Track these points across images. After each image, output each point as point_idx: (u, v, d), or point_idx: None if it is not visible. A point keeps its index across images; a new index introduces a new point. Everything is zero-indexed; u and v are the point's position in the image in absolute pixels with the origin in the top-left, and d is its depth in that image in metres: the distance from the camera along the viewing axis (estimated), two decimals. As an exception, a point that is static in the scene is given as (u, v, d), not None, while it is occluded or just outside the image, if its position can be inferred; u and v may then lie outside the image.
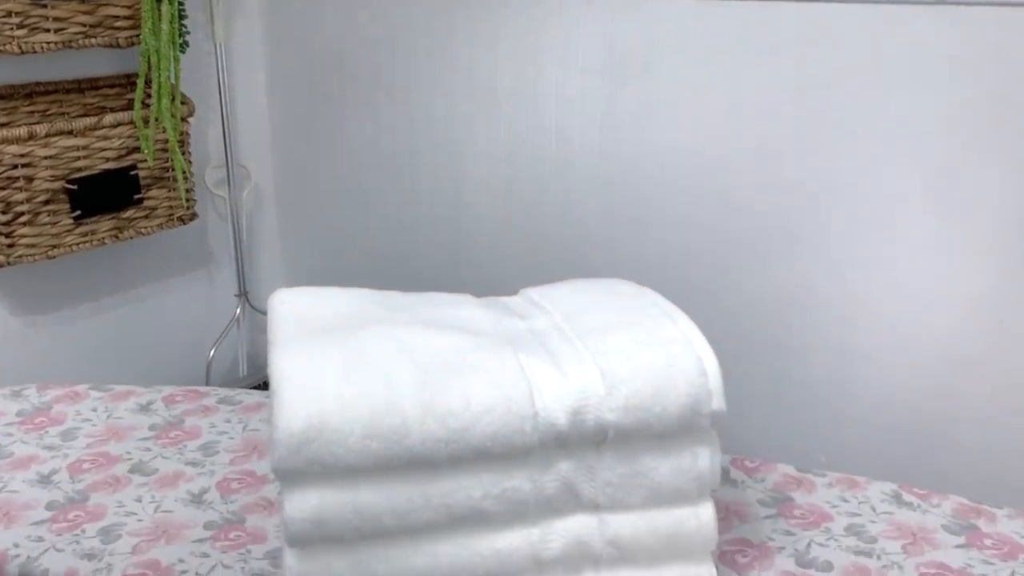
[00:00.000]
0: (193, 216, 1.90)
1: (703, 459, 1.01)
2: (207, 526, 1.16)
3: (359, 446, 0.92)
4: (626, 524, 1.01)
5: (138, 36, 1.66)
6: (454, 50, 1.75)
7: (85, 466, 1.27)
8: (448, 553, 0.98)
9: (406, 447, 0.93)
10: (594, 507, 1.01)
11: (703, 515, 1.03)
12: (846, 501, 1.23)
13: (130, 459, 1.29)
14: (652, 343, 1.02)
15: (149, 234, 1.82)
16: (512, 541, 0.99)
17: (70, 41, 1.63)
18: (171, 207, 1.84)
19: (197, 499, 1.21)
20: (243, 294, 2.09)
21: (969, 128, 1.31)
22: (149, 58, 1.65)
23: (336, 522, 0.93)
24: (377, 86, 1.88)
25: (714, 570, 1.05)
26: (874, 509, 1.21)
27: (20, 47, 1.58)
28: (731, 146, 1.50)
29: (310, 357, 0.96)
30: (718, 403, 0.99)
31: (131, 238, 1.79)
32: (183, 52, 1.73)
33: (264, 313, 1.43)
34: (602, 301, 1.13)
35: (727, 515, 1.20)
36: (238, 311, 2.09)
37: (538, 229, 1.73)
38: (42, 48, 1.61)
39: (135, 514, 1.18)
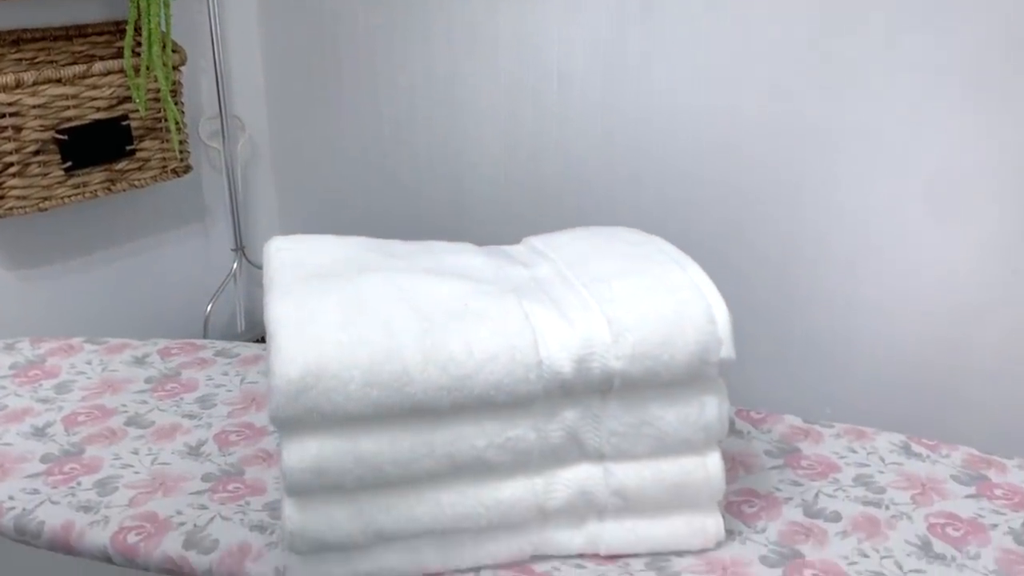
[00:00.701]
0: (187, 168, 1.86)
1: (711, 408, 0.99)
2: (205, 478, 1.14)
3: (359, 393, 0.89)
4: (631, 474, 0.99)
5: (127, -20, 1.61)
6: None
7: (80, 419, 1.25)
8: (451, 503, 0.96)
9: (407, 395, 0.90)
10: (599, 457, 0.99)
11: (710, 465, 1.01)
12: (854, 452, 1.21)
13: (126, 412, 1.27)
14: (659, 290, 0.99)
15: (142, 186, 1.78)
16: (516, 491, 0.97)
17: (56, -16, 1.59)
18: (164, 159, 1.80)
19: (194, 451, 1.19)
20: (240, 248, 2.05)
21: (985, 66, 1.27)
22: (139, 4, 1.61)
23: (336, 471, 0.91)
24: (374, 36, 1.84)
25: (721, 520, 1.03)
26: (883, 460, 1.19)
27: (4, -10, 1.53)
28: (738, 91, 1.46)
29: (308, 304, 0.94)
30: (727, 351, 0.97)
31: (124, 190, 1.75)
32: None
33: (261, 267, 1.40)
34: (607, 248, 1.10)
35: (733, 465, 1.18)
36: (235, 266, 2.05)
37: (539, 183, 1.69)
38: (28, -10, 1.56)
39: (132, 466, 1.16)
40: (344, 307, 0.94)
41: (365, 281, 0.98)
